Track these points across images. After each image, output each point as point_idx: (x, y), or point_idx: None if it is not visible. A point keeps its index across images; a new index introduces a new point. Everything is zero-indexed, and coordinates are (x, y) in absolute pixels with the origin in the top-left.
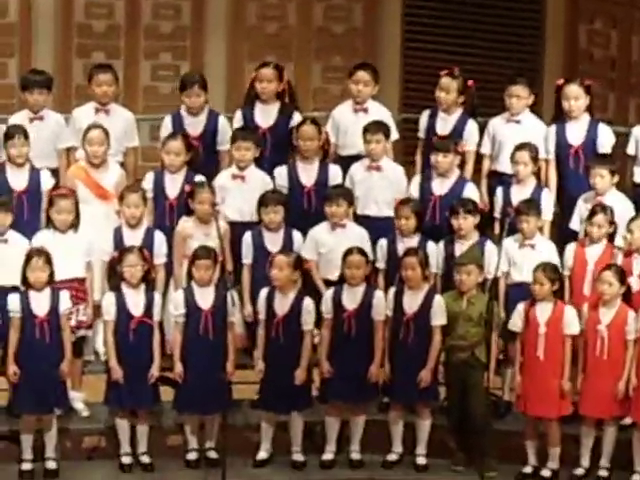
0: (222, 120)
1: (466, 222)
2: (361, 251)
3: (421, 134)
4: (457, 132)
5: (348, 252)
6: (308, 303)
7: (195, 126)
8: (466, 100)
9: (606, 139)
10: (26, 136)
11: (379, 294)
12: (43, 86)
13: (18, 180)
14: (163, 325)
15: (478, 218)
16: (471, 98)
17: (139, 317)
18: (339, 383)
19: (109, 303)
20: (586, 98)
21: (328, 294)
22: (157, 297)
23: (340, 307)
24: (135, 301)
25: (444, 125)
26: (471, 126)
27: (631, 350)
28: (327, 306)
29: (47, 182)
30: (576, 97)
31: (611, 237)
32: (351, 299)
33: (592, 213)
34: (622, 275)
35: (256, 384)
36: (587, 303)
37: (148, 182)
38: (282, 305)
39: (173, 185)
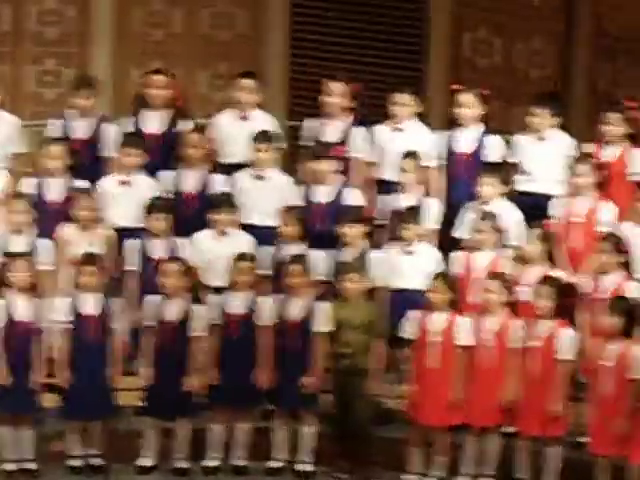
0: (109, 126)
1: (351, 230)
2: (251, 257)
3: (305, 142)
4: (345, 139)
5: (239, 257)
6: (196, 309)
7: (82, 129)
8: (354, 105)
9: (495, 149)
10: None
11: (264, 300)
12: None
13: None
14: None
15: (364, 227)
16: (360, 102)
17: (25, 323)
18: (224, 389)
19: None
20: (479, 107)
21: (213, 301)
22: (43, 304)
23: (226, 313)
24: (21, 307)
25: (331, 132)
26: (358, 133)
27: (514, 359)
28: (213, 313)
29: None
30: (467, 105)
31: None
32: (238, 305)
33: (478, 221)
34: (507, 284)
35: (140, 391)
36: (474, 311)
37: (28, 187)
38: (171, 312)
39: (54, 190)
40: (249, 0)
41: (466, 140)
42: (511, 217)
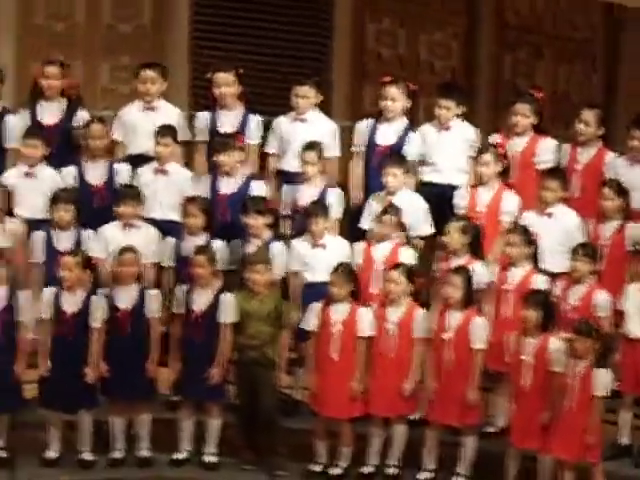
0: (12, 118)
1: (256, 222)
2: (132, 249)
3: (201, 136)
4: (240, 128)
5: (121, 251)
6: (95, 300)
7: None
8: (242, 92)
9: (414, 147)
10: None
11: (152, 292)
12: None
13: None
14: None
15: (270, 218)
16: (244, 89)
17: None
18: (115, 382)
19: None
20: (405, 101)
21: (101, 294)
22: None
23: (114, 306)
24: None
25: (226, 122)
26: (253, 121)
27: (418, 348)
28: (102, 306)
29: None
30: (393, 98)
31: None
32: (125, 298)
33: (382, 212)
34: (410, 274)
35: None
36: (377, 302)
37: None
38: (71, 304)
39: None
40: None
41: (388, 133)
42: (417, 207)
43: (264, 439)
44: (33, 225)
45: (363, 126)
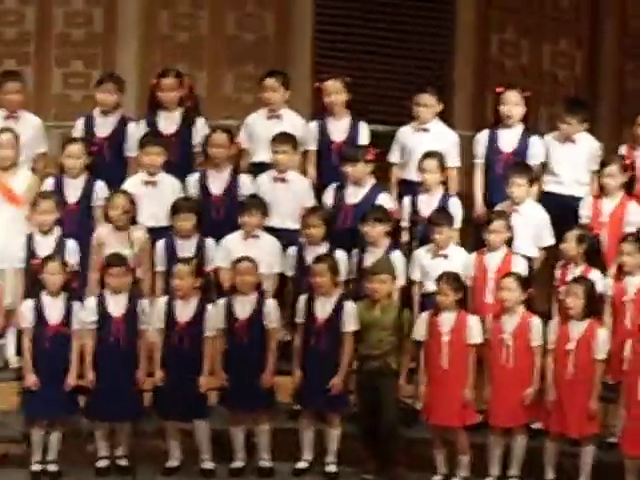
0: (132, 126)
1: (374, 230)
2: (250, 259)
3: (312, 146)
4: (351, 137)
5: (237, 260)
6: (210, 309)
7: (105, 127)
8: (348, 99)
9: (537, 150)
10: None
11: (270, 302)
12: None
13: None
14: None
15: (389, 226)
16: (351, 96)
17: (56, 325)
18: (236, 392)
19: (27, 310)
20: (523, 107)
21: (219, 304)
22: (76, 306)
23: (232, 317)
24: (53, 309)
25: (338, 131)
26: (363, 129)
27: (538, 357)
28: (220, 316)
29: None
30: (515, 103)
31: (509, 244)
32: (243, 309)
33: (489, 220)
34: (523, 282)
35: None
36: (491, 312)
37: (47, 186)
38: (184, 313)
39: (73, 190)
40: (274, 2)
41: (509, 139)
42: (539, 218)
43: (385, 448)
44: (154, 233)
45: (483, 137)
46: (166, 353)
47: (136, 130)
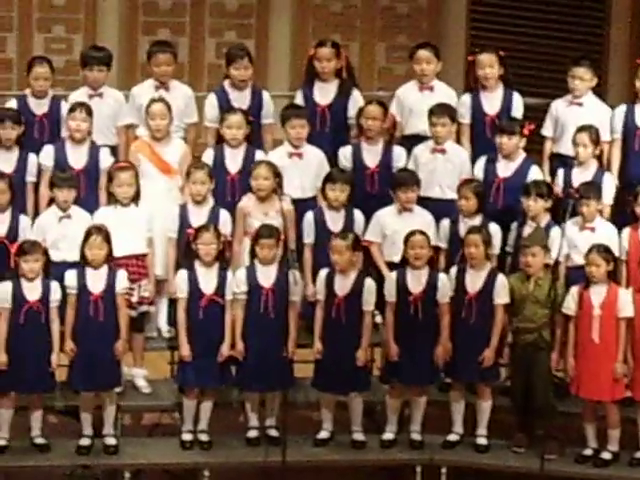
0: (266, 95)
1: (536, 204)
2: (423, 232)
3: (465, 119)
4: (505, 108)
5: (410, 234)
6: (370, 283)
7: (240, 101)
8: (505, 73)
9: None
10: (89, 112)
11: (443, 277)
12: (103, 63)
13: (77, 158)
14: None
15: (549, 202)
16: (505, 69)
17: (210, 295)
18: (403, 365)
19: (182, 280)
20: None
21: (392, 277)
22: (229, 276)
23: (405, 290)
24: (207, 280)
25: (491, 103)
26: (518, 100)
27: None
28: (390, 289)
29: (106, 160)
30: None
31: None
32: (415, 282)
33: (637, 193)
34: None
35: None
36: (634, 286)
37: (208, 157)
38: (342, 286)
39: (234, 160)
40: None
41: None
42: None
43: (539, 422)
44: (302, 204)
45: (620, 111)
46: (325, 325)
47: (271, 99)
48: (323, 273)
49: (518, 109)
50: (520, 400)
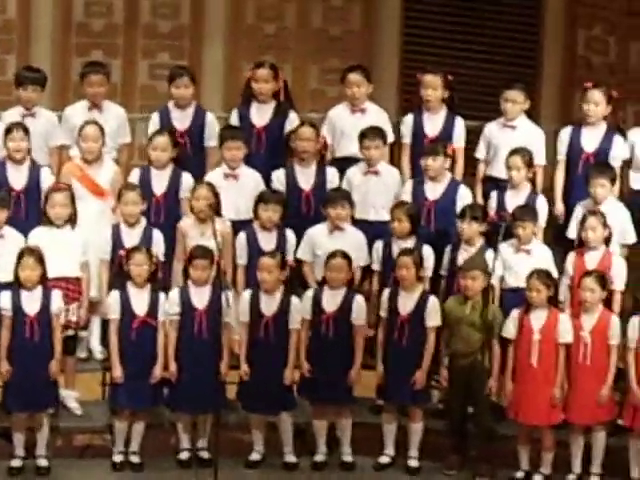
0: (210, 116)
1: (470, 228)
2: (344, 255)
3: (406, 139)
4: (446, 132)
5: (331, 255)
6: (296, 302)
7: (182, 120)
8: (449, 96)
9: (620, 151)
10: (26, 131)
11: (359, 298)
12: (37, 83)
13: (17, 177)
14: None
15: (484, 226)
16: (452, 93)
17: (142, 317)
18: (318, 385)
19: (114, 301)
20: (606, 107)
21: (308, 295)
22: (162, 297)
23: (319, 309)
24: (139, 301)
25: (432, 125)
26: (459, 124)
27: (614, 355)
28: (307, 307)
29: (47, 180)
30: (596, 102)
31: (607, 242)
32: (331, 302)
33: (584, 218)
34: (603, 281)
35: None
36: (568, 311)
37: (134, 178)
38: (269, 306)
39: (159, 181)
40: None
41: (592, 138)
42: (621, 216)
43: (476, 445)
44: (235, 226)
45: (566, 134)
46: (252, 346)
47: (216, 121)
48: (247, 294)
49: (459, 134)
50: (457, 423)
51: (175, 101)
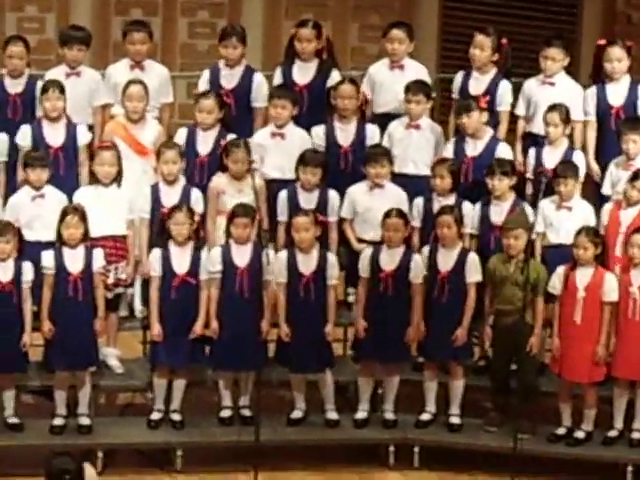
0: (258, 76)
1: (501, 183)
2: (400, 213)
3: (455, 95)
4: (490, 92)
5: (387, 214)
6: (332, 258)
7: (230, 79)
8: (500, 59)
9: None
10: (62, 90)
11: (417, 257)
12: (82, 42)
13: (54, 136)
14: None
15: (514, 180)
16: (505, 57)
17: (183, 275)
18: (373, 343)
19: (155, 259)
20: (628, 59)
21: (366, 254)
22: (204, 256)
23: (378, 268)
24: (180, 259)
25: (477, 85)
26: (504, 86)
27: None
28: (364, 266)
29: (84, 137)
30: (619, 59)
31: None
32: (389, 260)
33: (634, 177)
34: None
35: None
36: (619, 266)
37: (180, 138)
38: (307, 265)
39: (205, 142)
40: None
41: (618, 92)
42: None
43: (519, 402)
44: (281, 185)
45: (592, 92)
46: (292, 305)
47: (265, 81)
48: (283, 255)
49: (503, 96)
50: (501, 381)
51: (224, 60)
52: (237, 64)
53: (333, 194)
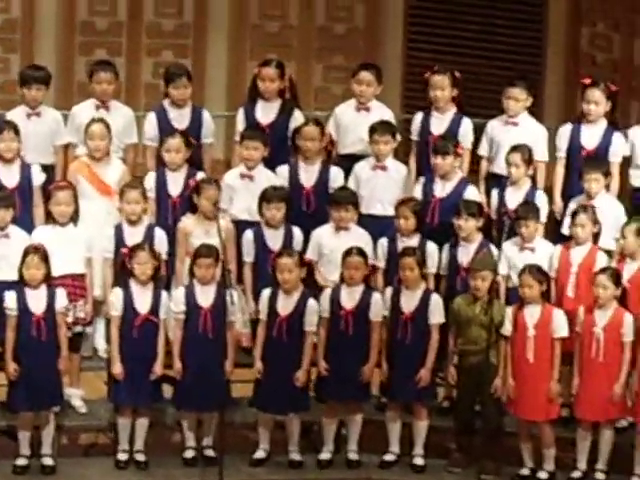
0: (206, 113)
1: (467, 224)
2: (361, 252)
3: (414, 136)
4: (452, 131)
5: (348, 252)
6: (312, 304)
7: (181, 120)
8: (459, 94)
9: (620, 147)
10: (16, 131)
11: (377, 295)
12: (41, 82)
13: (9, 177)
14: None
15: (481, 221)
16: (461, 91)
17: (145, 315)
18: (335, 383)
19: (116, 299)
20: (606, 104)
21: (326, 293)
22: (164, 295)
23: (338, 306)
24: (142, 298)
25: (439, 124)
26: (466, 124)
27: (627, 352)
28: (324, 306)
29: (38, 177)
30: (596, 102)
31: (595, 239)
32: (349, 299)
33: (575, 214)
34: (617, 278)
35: (253, 383)
36: (582, 306)
37: (149, 181)
38: (285, 305)
39: (175, 183)
40: None
41: (593, 135)
42: (615, 211)
43: (483, 443)
44: (248, 226)
45: (566, 130)
46: (267, 345)
47: (211, 118)
48: (266, 293)
49: (465, 134)
50: (465, 421)
51: (172, 100)
52: (185, 104)
53: (298, 232)
